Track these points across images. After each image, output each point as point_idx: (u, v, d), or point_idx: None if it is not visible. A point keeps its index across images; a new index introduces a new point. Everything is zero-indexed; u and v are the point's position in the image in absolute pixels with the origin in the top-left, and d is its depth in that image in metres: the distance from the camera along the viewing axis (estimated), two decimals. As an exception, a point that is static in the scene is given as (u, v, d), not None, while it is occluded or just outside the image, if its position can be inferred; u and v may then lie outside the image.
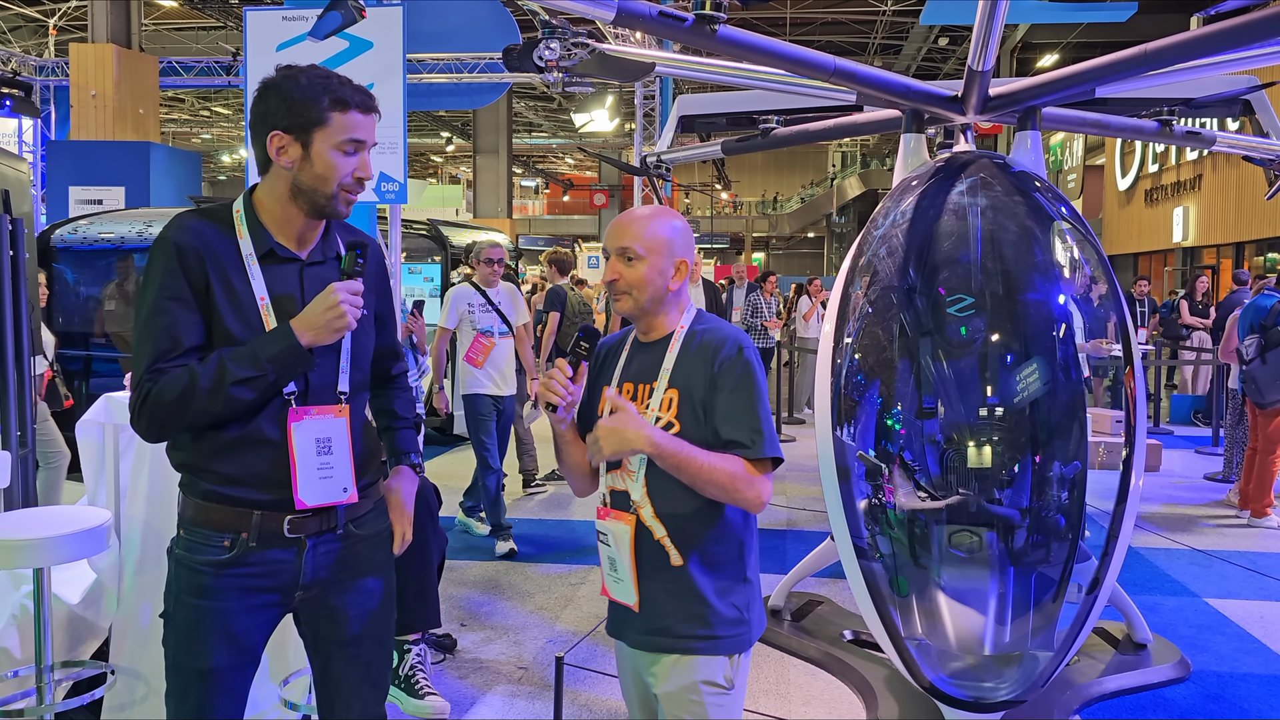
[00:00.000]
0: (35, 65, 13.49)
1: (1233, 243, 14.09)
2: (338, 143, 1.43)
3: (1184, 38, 2.38)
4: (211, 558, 1.45)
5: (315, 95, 1.42)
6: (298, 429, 1.45)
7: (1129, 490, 2.43)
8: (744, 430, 1.44)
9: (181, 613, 1.46)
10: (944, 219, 2.65)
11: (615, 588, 1.52)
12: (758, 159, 32.85)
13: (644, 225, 1.50)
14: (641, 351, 1.56)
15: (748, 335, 1.54)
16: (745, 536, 1.55)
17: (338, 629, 1.54)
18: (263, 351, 1.40)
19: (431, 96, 12.14)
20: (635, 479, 1.49)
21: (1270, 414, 4.94)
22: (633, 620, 1.51)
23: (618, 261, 1.50)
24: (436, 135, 25.78)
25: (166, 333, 1.39)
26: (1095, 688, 2.89)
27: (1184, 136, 3.63)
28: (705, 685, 1.47)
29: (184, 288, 1.39)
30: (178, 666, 1.47)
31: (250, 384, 1.39)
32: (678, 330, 1.53)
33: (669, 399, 1.48)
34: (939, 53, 20.04)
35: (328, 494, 1.47)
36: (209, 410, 1.39)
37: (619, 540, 1.49)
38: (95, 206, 8.88)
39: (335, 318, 1.43)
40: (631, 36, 11.08)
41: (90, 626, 2.48)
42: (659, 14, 2.21)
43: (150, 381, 1.38)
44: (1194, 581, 4.09)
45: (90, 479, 2.51)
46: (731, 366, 1.46)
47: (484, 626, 3.42)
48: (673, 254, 1.51)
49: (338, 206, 1.47)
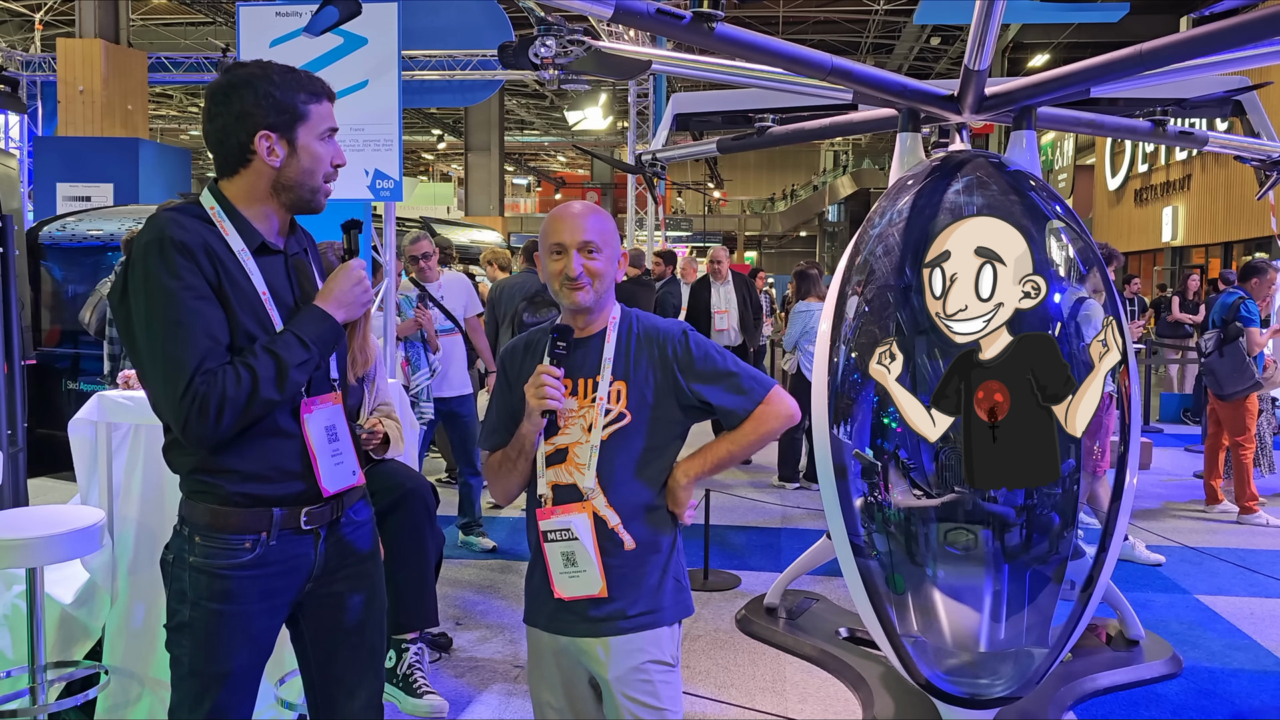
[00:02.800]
0: (21, 60, 13.35)
1: (1221, 242, 14.22)
2: (319, 133, 1.46)
3: (1180, 38, 2.40)
4: (234, 560, 1.45)
5: (293, 90, 1.44)
6: (310, 420, 1.47)
7: (1124, 488, 2.44)
8: (742, 394, 1.54)
9: (201, 619, 1.45)
10: (940, 218, 2.65)
11: (574, 583, 1.51)
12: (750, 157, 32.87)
13: (597, 219, 1.55)
14: (572, 346, 1.56)
15: (683, 321, 1.62)
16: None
17: (341, 616, 1.55)
18: (306, 333, 1.43)
19: (423, 94, 12.08)
20: (586, 470, 1.51)
21: (1230, 405, 5.03)
22: (577, 608, 1.52)
23: (582, 255, 1.52)
24: (428, 133, 25.67)
25: (205, 333, 1.36)
26: (1089, 684, 2.91)
27: (1177, 136, 3.65)
28: (654, 665, 1.52)
29: (205, 286, 1.38)
30: (195, 673, 1.46)
31: (304, 366, 1.42)
32: (610, 323, 1.56)
33: (616, 391, 1.52)
34: (931, 52, 20.10)
35: (342, 479, 1.52)
36: (273, 400, 1.40)
37: (582, 530, 1.49)
38: (83, 203, 8.79)
39: (363, 292, 1.48)
40: (625, 34, 11.06)
41: (83, 627, 2.46)
42: (657, 11, 2.21)
43: (204, 384, 1.34)
44: (1185, 578, 4.12)
45: (83, 478, 2.48)
46: (686, 349, 1.54)
47: (479, 625, 3.42)
48: (619, 246, 1.58)
49: (319, 199, 1.49)
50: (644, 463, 1.53)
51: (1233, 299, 5.08)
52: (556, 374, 1.48)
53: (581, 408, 1.53)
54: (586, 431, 1.51)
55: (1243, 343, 4.93)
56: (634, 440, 1.52)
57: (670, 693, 1.54)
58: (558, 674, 1.58)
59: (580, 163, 33.81)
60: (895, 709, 2.69)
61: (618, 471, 1.50)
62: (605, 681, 1.53)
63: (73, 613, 2.43)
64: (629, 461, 1.51)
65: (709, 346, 1.57)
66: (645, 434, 1.52)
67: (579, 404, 1.53)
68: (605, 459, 1.50)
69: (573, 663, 1.56)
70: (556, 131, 28.56)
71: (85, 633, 2.46)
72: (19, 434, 2.65)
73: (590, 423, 1.51)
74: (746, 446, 1.56)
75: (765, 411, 1.55)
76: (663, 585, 1.54)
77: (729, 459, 1.57)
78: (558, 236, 1.53)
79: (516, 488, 1.60)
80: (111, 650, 2.38)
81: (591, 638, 1.52)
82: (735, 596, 3.79)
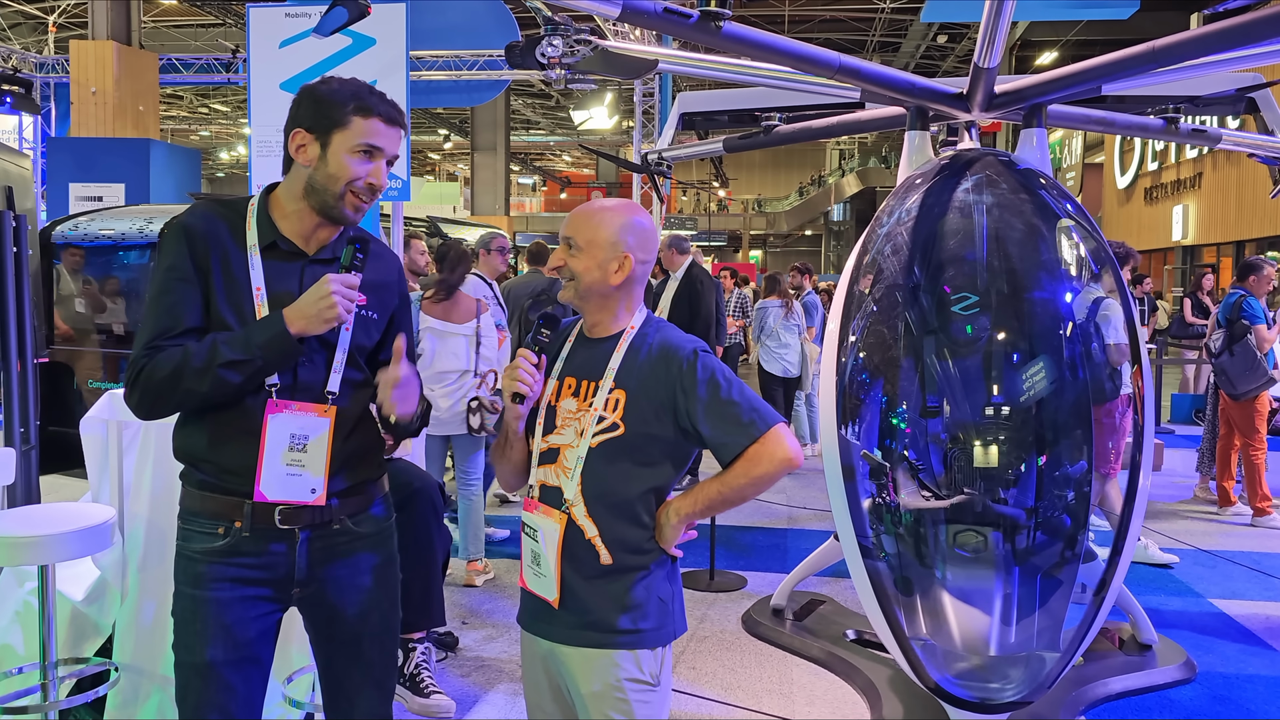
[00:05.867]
0: (35, 62, 13.46)
1: (1233, 241, 14.09)
2: (354, 146, 1.46)
3: (1191, 35, 2.37)
4: (206, 545, 1.46)
5: (342, 99, 1.46)
6: (273, 420, 1.45)
7: (1137, 490, 2.42)
8: (737, 428, 1.42)
9: (180, 604, 1.48)
10: (949, 216, 2.64)
11: (536, 581, 1.49)
12: (755, 156, 32.83)
13: (590, 218, 1.49)
14: (585, 346, 1.53)
15: (697, 339, 1.51)
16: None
17: (336, 628, 1.53)
18: (254, 337, 1.42)
19: (430, 94, 12.12)
20: (570, 476, 1.45)
21: (1242, 405, 5.01)
22: (553, 615, 1.48)
23: (563, 249, 1.50)
24: (434, 132, 25.73)
25: (169, 311, 1.42)
26: (1101, 688, 2.89)
27: (1189, 134, 3.62)
28: (630, 682, 1.44)
29: (189, 269, 1.43)
30: (180, 663, 1.48)
31: (238, 367, 1.40)
32: (627, 330, 1.50)
33: (615, 399, 1.46)
34: (938, 50, 20.02)
35: (292, 492, 1.46)
36: (197, 390, 1.40)
37: (547, 537, 1.46)
38: (95, 203, 8.85)
39: (326, 308, 1.43)
40: (632, 33, 11.06)
41: (93, 624, 2.47)
42: (664, 10, 2.20)
43: (146, 357, 1.41)
44: (1199, 582, 4.08)
45: (94, 475, 2.50)
46: (691, 369, 1.44)
47: (485, 624, 3.42)
48: (615, 250, 1.47)
49: (344, 209, 1.47)
50: (631, 477, 1.45)
51: (1234, 298, 5.10)
52: (533, 359, 1.46)
53: (579, 410, 1.47)
54: (579, 436, 1.46)
55: (1251, 340, 4.92)
56: (623, 453, 1.44)
57: (648, 712, 1.46)
58: (545, 680, 1.54)
59: (586, 162, 33.82)
60: (903, 712, 2.67)
61: (602, 482, 1.44)
62: (579, 695, 1.47)
63: (83, 609, 2.45)
64: (616, 474, 1.44)
65: (717, 371, 1.45)
66: (636, 449, 1.44)
67: (578, 406, 1.48)
68: (592, 467, 1.44)
69: (558, 669, 1.51)
70: (562, 131, 28.59)
71: (95, 629, 2.47)
72: (31, 432, 2.67)
73: (583, 428, 1.46)
74: (735, 489, 1.42)
75: (758, 452, 1.41)
76: (646, 605, 1.45)
77: (719, 500, 1.45)
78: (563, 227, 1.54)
79: (512, 476, 1.57)
80: (121, 647, 2.39)
81: (567, 645, 1.48)
82: (741, 598, 3.78)
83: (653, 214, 16.25)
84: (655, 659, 1.47)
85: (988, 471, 2.43)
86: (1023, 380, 2.48)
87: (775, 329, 6.35)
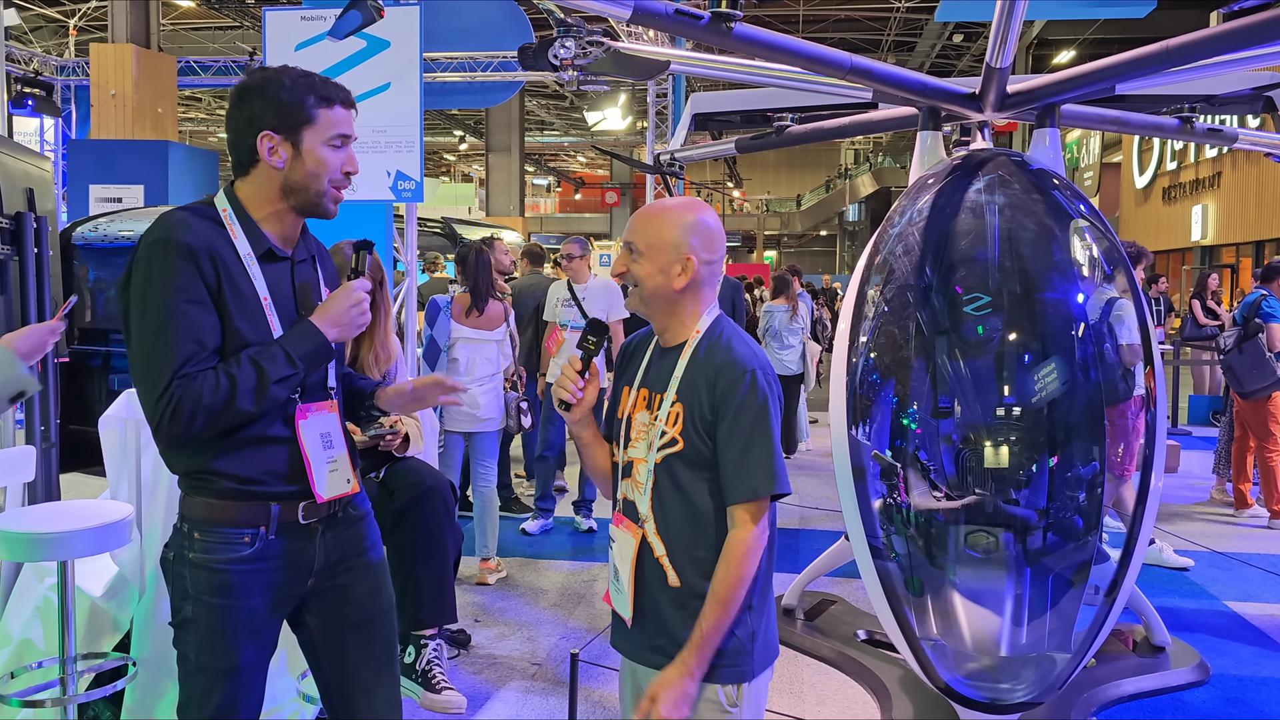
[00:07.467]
0: (56, 65, 13.64)
1: (1253, 241, 13.91)
2: (327, 139, 1.46)
3: (1207, 34, 2.35)
4: (233, 554, 1.45)
5: (301, 95, 1.44)
6: (305, 426, 1.48)
7: (1149, 491, 2.40)
8: (728, 470, 1.36)
9: (204, 614, 1.45)
10: (961, 217, 2.63)
11: (615, 597, 1.48)
12: (769, 156, 32.73)
13: (651, 220, 1.44)
14: (660, 356, 1.48)
15: (763, 357, 1.42)
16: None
17: (349, 608, 1.56)
18: (295, 349, 1.43)
19: (445, 95, 12.17)
20: (643, 491, 1.42)
21: (1254, 404, 4.95)
22: (631, 633, 1.46)
23: (624, 255, 1.46)
24: (449, 134, 25.87)
25: (190, 336, 1.37)
26: (1113, 690, 2.87)
27: (1205, 134, 3.58)
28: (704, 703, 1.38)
29: (201, 290, 1.38)
30: (202, 669, 1.47)
31: (287, 382, 1.42)
32: (692, 337, 1.43)
33: (675, 413, 1.40)
34: (953, 49, 19.88)
35: (338, 487, 1.53)
36: (249, 411, 1.39)
37: (623, 551, 1.44)
38: (115, 204, 8.97)
39: (359, 314, 1.48)
40: (644, 35, 11.07)
41: (112, 619, 2.51)
42: (675, 12, 2.21)
43: (181, 387, 1.35)
44: (1213, 584, 4.04)
45: (113, 473, 2.54)
46: (731, 387, 1.36)
47: (498, 622, 3.44)
48: (678, 251, 1.40)
49: (327, 204, 1.49)
50: (695, 494, 1.38)
51: (1255, 297, 5.06)
52: (578, 367, 1.45)
53: (649, 424, 1.43)
54: (649, 450, 1.42)
55: (1262, 339, 4.88)
56: (684, 469, 1.39)
57: None
58: (631, 694, 1.51)
59: (600, 163, 33.84)
60: (914, 712, 2.67)
61: (667, 499, 1.40)
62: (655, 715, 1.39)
63: (102, 605, 2.49)
64: (678, 491, 1.39)
65: (762, 396, 1.35)
66: (696, 465, 1.38)
67: (649, 419, 1.43)
68: (659, 483, 1.40)
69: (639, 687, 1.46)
70: (576, 132, 28.64)
71: (114, 625, 2.51)
72: (51, 430, 2.71)
73: (651, 441, 1.42)
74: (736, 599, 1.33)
75: (732, 539, 1.34)
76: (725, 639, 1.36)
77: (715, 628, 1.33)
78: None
79: (601, 483, 1.56)
80: (139, 643, 2.42)
81: (642, 665, 1.45)
82: (753, 597, 3.78)
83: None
84: (738, 693, 1.40)
85: (999, 472, 2.42)
86: (1034, 381, 2.47)
87: (780, 331, 6.63)
